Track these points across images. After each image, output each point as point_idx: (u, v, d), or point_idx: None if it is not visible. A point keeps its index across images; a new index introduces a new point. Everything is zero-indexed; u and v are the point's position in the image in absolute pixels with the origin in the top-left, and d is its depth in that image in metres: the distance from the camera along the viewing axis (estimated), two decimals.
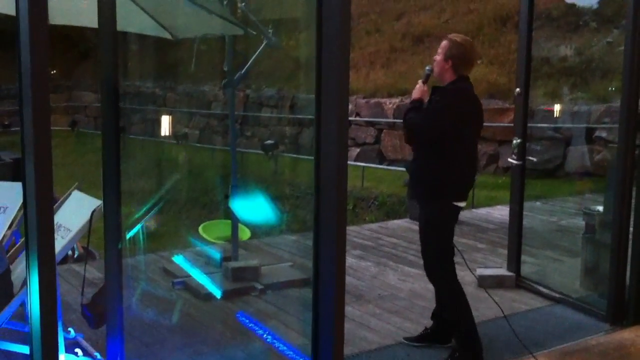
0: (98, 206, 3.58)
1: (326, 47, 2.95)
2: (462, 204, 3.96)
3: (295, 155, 14.04)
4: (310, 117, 15.91)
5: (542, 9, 12.79)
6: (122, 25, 3.30)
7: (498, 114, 11.64)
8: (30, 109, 2.32)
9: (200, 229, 7.11)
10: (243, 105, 16.83)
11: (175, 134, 15.95)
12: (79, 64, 21.56)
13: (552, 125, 11.22)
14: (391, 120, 13.54)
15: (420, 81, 3.95)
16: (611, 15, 12.65)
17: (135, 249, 5.61)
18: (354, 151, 13.82)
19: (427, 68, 3.96)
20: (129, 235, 4.22)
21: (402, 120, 4.16)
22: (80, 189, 4.07)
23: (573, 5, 13.56)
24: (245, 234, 6.87)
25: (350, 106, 13.79)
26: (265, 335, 3.96)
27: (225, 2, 4.60)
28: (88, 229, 3.70)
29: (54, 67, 20.71)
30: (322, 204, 3.10)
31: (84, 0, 4.83)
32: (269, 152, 11.45)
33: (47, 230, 2.43)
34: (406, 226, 7.46)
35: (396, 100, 13.65)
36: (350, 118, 13.76)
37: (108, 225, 3.36)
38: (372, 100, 14.11)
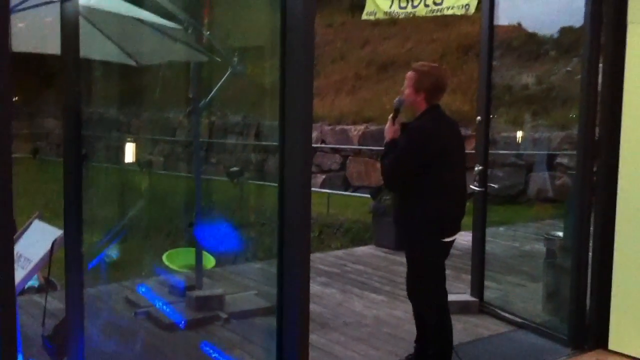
0: (59, 236, 3.53)
1: (290, 74, 2.99)
2: (451, 238, 3.93)
3: (260, 182, 14.01)
4: (275, 144, 15.92)
5: (503, 38, 13.04)
6: (85, 52, 3.29)
7: None
8: None
9: (164, 257, 7.03)
10: (208, 132, 16.79)
11: (139, 161, 15.81)
12: (41, 91, 21.33)
13: (513, 152, 11.41)
14: (356, 147, 13.62)
15: (389, 118, 3.89)
16: (570, 44, 12.97)
17: (97, 279, 5.53)
18: (319, 178, 13.86)
19: (395, 101, 3.90)
20: (91, 265, 4.16)
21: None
22: (42, 218, 4.02)
23: (534, 35, 13.86)
24: (209, 262, 6.82)
25: (315, 133, 13.85)
26: None
27: (190, 30, 4.61)
28: (49, 259, 3.64)
29: (17, 94, 20.45)
30: (285, 231, 3.12)
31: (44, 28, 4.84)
32: (234, 179, 11.37)
33: (7, 260, 2.40)
34: (372, 252, 7.49)
35: (361, 127, 13.75)
36: (315, 145, 13.83)
37: (69, 254, 3.33)
38: (338, 127, 14.20)
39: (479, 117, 5.27)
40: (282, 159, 3.06)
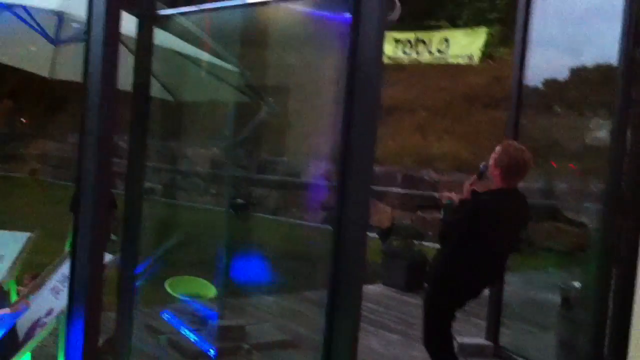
0: (112, 259, 3.64)
1: (358, 114, 3.10)
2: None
3: (262, 215, 14.14)
4: (276, 177, 16.12)
5: (508, 91, 13.33)
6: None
7: (457, 191, 11.98)
8: None
9: (166, 284, 7.11)
10: (210, 163, 16.94)
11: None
12: (45, 115, 21.43)
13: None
14: None
15: (472, 177, 4.22)
16: (573, 100, 13.31)
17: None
18: (321, 214, 13.98)
19: (481, 165, 4.21)
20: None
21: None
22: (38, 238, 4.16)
23: (536, 89, 14.18)
24: (210, 291, 6.90)
25: (320, 171, 14.03)
26: None
27: (243, 72, 4.78)
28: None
29: (26, 117, 20.65)
30: (341, 266, 3.23)
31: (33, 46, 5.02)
32: (238, 211, 11.48)
33: None
34: (381, 292, 7.61)
35: None
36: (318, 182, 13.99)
37: (124, 276, 3.44)
38: None
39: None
40: (342, 200, 3.17)
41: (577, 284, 5.36)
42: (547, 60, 14.31)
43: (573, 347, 5.19)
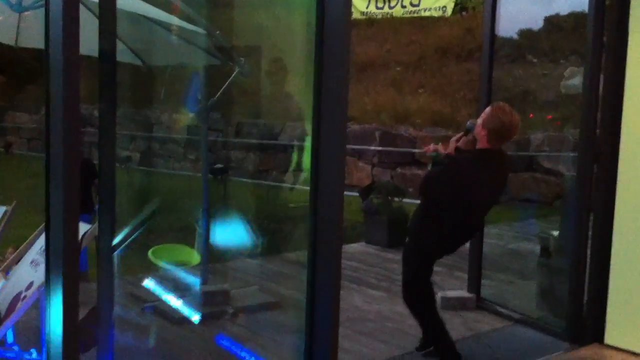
0: (90, 229, 3.61)
1: (327, 75, 3.08)
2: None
3: (241, 179, 14.09)
4: (253, 141, 16.05)
5: (481, 42, 13.28)
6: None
7: (443, 142, 12.01)
8: None
9: (149, 253, 7.08)
10: (186, 128, 16.79)
11: (117, 156, 15.71)
12: (17, 87, 21.05)
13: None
14: None
15: (458, 135, 4.22)
16: (547, 49, 13.30)
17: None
18: (302, 176, 13.96)
19: (468, 122, 4.20)
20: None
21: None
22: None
23: (510, 39, 14.15)
24: (194, 258, 6.89)
25: (297, 131, 13.97)
26: (249, 358, 4.02)
27: (212, 34, 4.69)
28: None
29: None
30: (319, 231, 3.23)
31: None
32: (218, 176, 11.44)
33: None
34: (364, 250, 7.65)
35: None
36: (297, 143, 13.95)
37: (102, 247, 3.41)
38: None
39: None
40: (317, 160, 3.16)
41: (555, 233, 5.42)
42: (521, 10, 14.26)
43: (553, 295, 5.26)
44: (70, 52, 2.15)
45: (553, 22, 14.05)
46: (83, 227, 3.72)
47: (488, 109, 4.10)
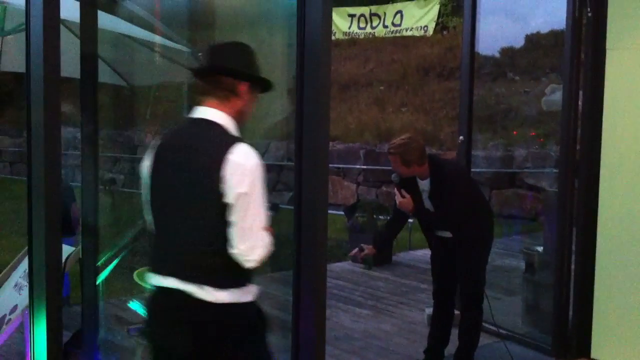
0: (73, 251, 3.60)
1: (307, 91, 3.10)
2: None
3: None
4: None
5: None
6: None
7: None
8: None
9: (134, 275, 7.02)
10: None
11: (100, 178, 15.63)
12: None
13: (477, 170, 11.74)
14: None
15: (398, 194, 4.21)
16: (526, 66, 13.45)
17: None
18: (286, 195, 13.96)
19: (393, 176, 4.24)
20: (101, 278, 4.18)
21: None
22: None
23: (492, 57, 14.31)
24: None
25: (282, 151, 13.98)
26: None
27: (197, 52, 4.70)
28: None
29: None
30: (303, 246, 3.23)
31: None
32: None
33: None
34: (350, 269, 7.64)
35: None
36: (282, 163, 13.96)
37: (86, 269, 3.39)
38: None
39: (461, 137, 5.48)
40: (300, 179, 3.17)
41: (539, 249, 5.45)
42: (502, 28, 14.44)
43: (539, 310, 5.28)
44: (51, 75, 2.15)
45: (533, 40, 14.22)
46: (66, 250, 3.70)
47: (392, 158, 4.14)
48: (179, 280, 2.30)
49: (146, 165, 2.44)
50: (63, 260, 3.62)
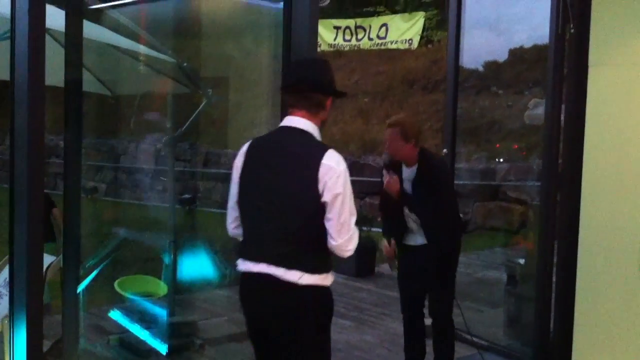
0: (54, 260, 3.58)
1: None
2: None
3: (210, 209, 14.02)
4: (222, 171, 16.00)
5: (446, 73, 13.50)
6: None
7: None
8: None
9: (116, 284, 6.99)
10: (154, 159, 16.70)
11: (83, 187, 15.54)
12: None
13: (460, 182, 11.80)
14: None
15: (388, 175, 4.28)
16: (510, 80, 13.57)
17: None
18: None
19: (383, 156, 4.30)
20: (81, 287, 4.16)
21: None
22: None
23: (475, 71, 14.41)
24: (162, 289, 6.82)
25: None
26: None
27: (183, 63, 4.71)
28: None
29: None
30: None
31: None
32: (185, 206, 11.40)
33: None
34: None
35: None
36: None
37: (67, 278, 3.38)
38: None
39: (445, 150, 5.52)
40: None
41: (521, 261, 5.48)
42: (486, 42, 14.55)
43: (521, 322, 5.31)
44: (35, 83, 2.15)
45: (517, 54, 14.34)
46: (47, 259, 3.68)
47: (391, 131, 4.20)
48: (269, 265, 2.66)
49: (237, 166, 2.87)
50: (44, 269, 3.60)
